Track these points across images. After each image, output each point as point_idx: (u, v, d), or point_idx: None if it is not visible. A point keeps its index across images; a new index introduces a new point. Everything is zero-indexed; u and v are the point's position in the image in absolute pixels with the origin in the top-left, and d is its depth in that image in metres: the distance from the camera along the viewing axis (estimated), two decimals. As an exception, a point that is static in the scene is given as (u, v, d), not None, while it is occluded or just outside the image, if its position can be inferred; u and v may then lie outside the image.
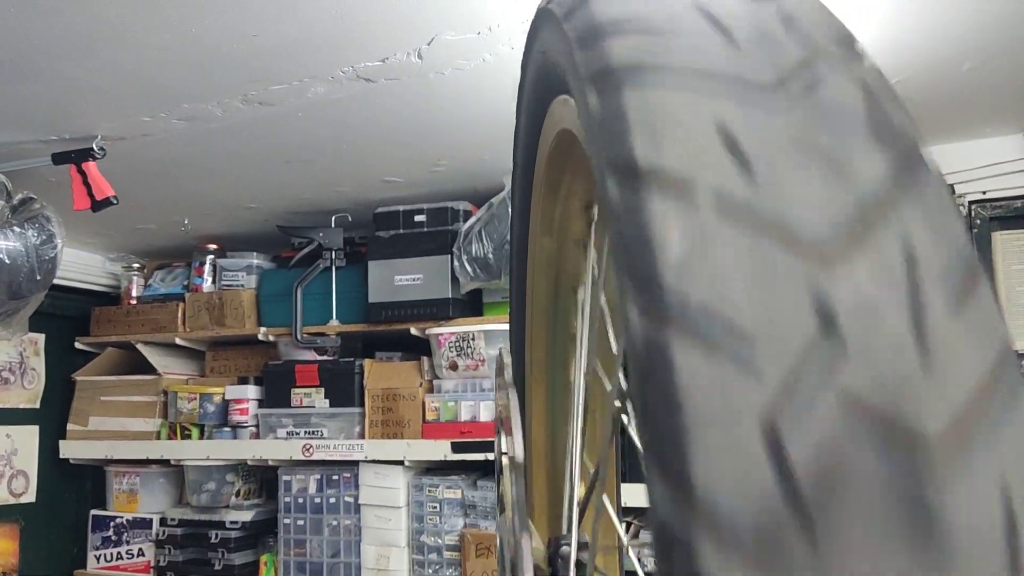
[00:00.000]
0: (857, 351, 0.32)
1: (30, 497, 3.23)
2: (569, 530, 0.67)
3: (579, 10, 0.47)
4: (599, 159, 0.39)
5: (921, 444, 0.30)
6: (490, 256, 2.63)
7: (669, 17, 0.43)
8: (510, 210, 0.89)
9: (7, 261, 2.27)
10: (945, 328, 0.33)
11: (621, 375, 0.63)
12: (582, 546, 0.63)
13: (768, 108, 0.39)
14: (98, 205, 2.27)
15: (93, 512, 3.35)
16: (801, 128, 0.38)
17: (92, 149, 2.25)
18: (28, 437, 3.25)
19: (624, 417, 0.62)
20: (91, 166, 2.26)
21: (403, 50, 1.93)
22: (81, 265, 3.34)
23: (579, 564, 0.63)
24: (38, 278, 2.35)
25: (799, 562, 0.28)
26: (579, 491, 0.66)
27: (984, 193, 2.83)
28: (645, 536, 2.49)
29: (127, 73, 1.95)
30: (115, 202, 2.28)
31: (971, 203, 2.81)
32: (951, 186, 2.81)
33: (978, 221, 2.81)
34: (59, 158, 2.27)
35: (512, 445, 0.57)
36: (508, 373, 0.64)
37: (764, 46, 0.42)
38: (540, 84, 0.63)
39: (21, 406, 3.24)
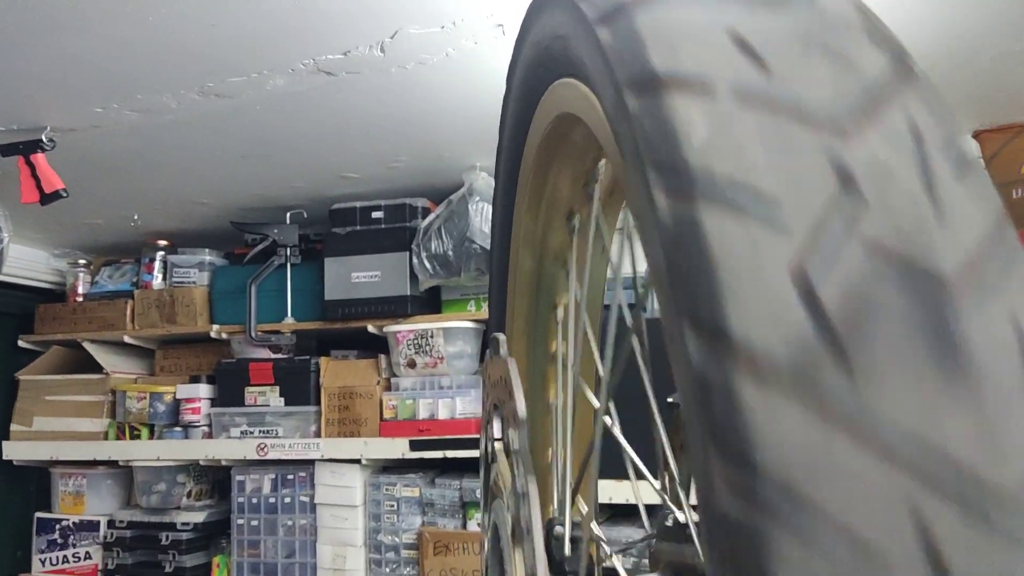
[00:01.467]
0: (876, 203, 0.35)
1: (-29, 501, 3.13)
2: (561, 512, 0.66)
3: None
4: (618, 82, 0.39)
5: (940, 281, 0.33)
6: (450, 253, 2.62)
7: None
8: (492, 219, 0.88)
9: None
10: (952, 188, 0.36)
11: (601, 366, 0.63)
12: (575, 526, 0.63)
13: (775, 14, 0.41)
14: (47, 198, 2.21)
15: (38, 515, 3.25)
16: (806, 30, 0.40)
17: (41, 140, 2.19)
18: (-31, 438, 3.15)
19: (607, 419, 0.62)
20: (40, 158, 2.20)
21: (365, 43, 1.91)
22: (25, 261, 3.25)
23: (574, 542, 0.63)
24: (-17, 273, 2.28)
25: (837, 391, 0.30)
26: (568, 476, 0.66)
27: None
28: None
29: (79, 62, 1.90)
30: (65, 195, 2.22)
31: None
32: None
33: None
34: (6, 149, 2.20)
35: (513, 411, 0.56)
36: (503, 348, 0.63)
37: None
38: (538, 64, 0.62)
39: (-39, 407, 3.14)
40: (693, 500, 0.54)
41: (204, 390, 3.05)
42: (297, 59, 1.96)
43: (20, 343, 3.31)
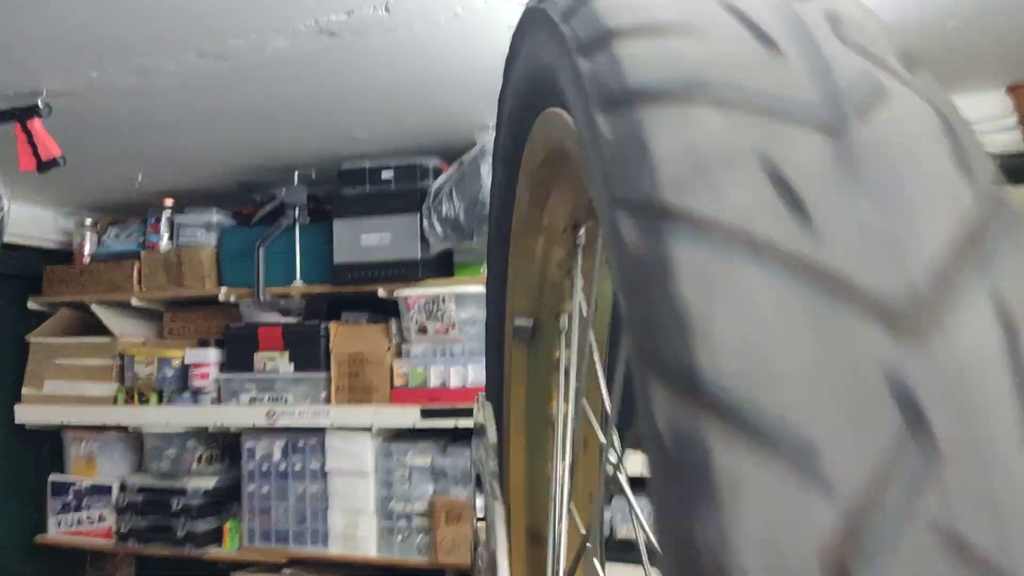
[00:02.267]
0: (954, 457, 0.25)
1: (-16, 464, 3.13)
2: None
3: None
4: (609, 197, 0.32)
5: None
6: (461, 216, 2.54)
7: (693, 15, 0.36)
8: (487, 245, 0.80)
9: (-54, 224, 2.14)
10: None
11: (610, 413, 0.56)
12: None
13: (821, 141, 0.32)
14: (44, 166, 2.14)
15: (52, 477, 3.25)
16: (863, 162, 0.32)
17: (37, 106, 2.11)
18: (-20, 402, 3.13)
19: (620, 476, 0.55)
20: (36, 124, 2.12)
21: (369, 3, 1.81)
22: (31, 222, 3.19)
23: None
24: (-19, 242, 2.22)
25: None
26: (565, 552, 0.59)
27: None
28: None
29: (72, 25, 1.81)
30: (62, 163, 2.15)
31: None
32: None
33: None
34: (2, 116, 2.12)
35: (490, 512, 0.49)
36: (488, 433, 0.56)
37: (811, 57, 0.35)
38: (527, 94, 0.54)
39: (-29, 370, 3.11)
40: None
41: (213, 355, 3.00)
42: (298, 20, 1.86)
43: (29, 305, 3.27)
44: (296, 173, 2.91)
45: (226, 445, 3.15)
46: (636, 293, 0.30)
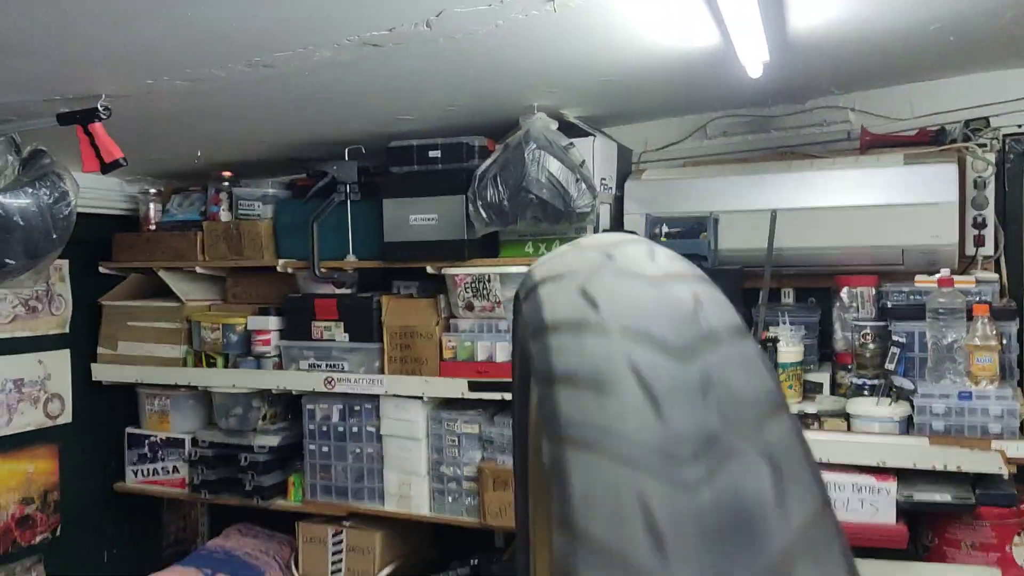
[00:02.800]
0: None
1: (66, 418, 3.35)
2: None
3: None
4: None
5: None
6: (505, 203, 2.59)
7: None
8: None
9: (22, 223, 2.27)
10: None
11: None
12: None
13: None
14: (107, 167, 2.24)
15: (128, 430, 3.48)
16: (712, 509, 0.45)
17: (97, 109, 2.20)
18: (60, 361, 3.34)
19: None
20: (97, 128, 2.21)
21: (410, 21, 1.84)
22: (100, 190, 3.32)
23: None
24: (54, 236, 2.36)
25: None
26: None
27: (1020, 127, 2.72)
28: None
29: (129, 39, 1.87)
30: (124, 163, 2.25)
31: (1005, 136, 2.71)
32: (986, 118, 2.70)
33: (1011, 155, 2.71)
34: (64, 118, 2.22)
35: None
36: None
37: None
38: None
39: (51, 332, 3.31)
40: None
41: (273, 322, 3.14)
42: (341, 36, 1.91)
43: (101, 269, 3.44)
44: (347, 149, 2.98)
45: (288, 404, 3.32)
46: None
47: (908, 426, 2.37)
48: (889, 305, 2.54)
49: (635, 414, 0.47)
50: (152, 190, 3.40)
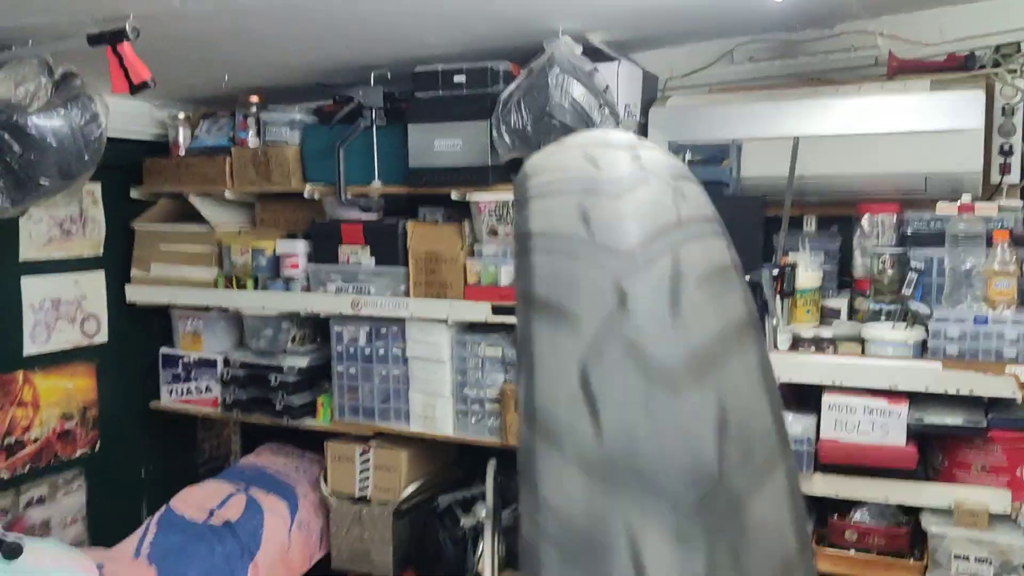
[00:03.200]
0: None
1: (102, 338, 3.46)
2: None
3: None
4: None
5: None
6: (528, 128, 2.61)
7: None
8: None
9: (54, 144, 2.33)
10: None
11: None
12: None
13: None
14: (135, 88, 2.28)
15: (162, 350, 3.59)
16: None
17: (125, 30, 2.23)
18: (95, 282, 3.44)
19: None
20: (126, 48, 2.25)
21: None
22: (130, 115, 3.36)
23: None
24: (86, 158, 2.42)
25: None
26: None
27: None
28: None
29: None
30: (152, 85, 2.29)
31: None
32: (1018, 43, 2.66)
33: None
34: (94, 39, 2.26)
35: None
36: None
37: None
38: None
39: (85, 254, 3.40)
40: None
41: (301, 246, 3.21)
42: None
43: (132, 194, 3.52)
44: (372, 75, 2.99)
45: (317, 327, 3.41)
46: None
47: (922, 350, 2.40)
48: (909, 232, 2.55)
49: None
50: (181, 115, 3.44)
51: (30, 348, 3.16)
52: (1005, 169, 2.60)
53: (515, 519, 2.96)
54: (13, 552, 1.89)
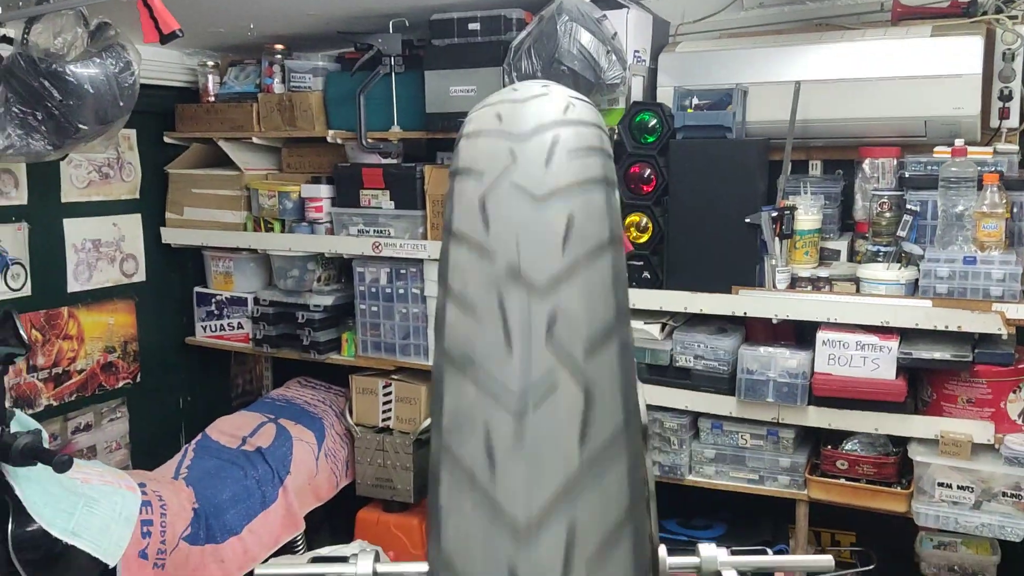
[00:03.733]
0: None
1: (140, 277, 3.65)
2: None
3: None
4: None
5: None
6: (539, 75, 2.70)
7: None
8: None
9: (91, 91, 2.48)
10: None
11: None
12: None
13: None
14: (165, 38, 2.41)
15: (196, 289, 3.78)
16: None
17: (154, -19, 2.36)
18: (132, 225, 3.62)
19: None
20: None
21: None
22: (162, 63, 3.51)
23: None
24: (121, 104, 2.57)
25: None
26: None
27: (1058, -3, 2.70)
28: None
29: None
30: (180, 35, 2.41)
31: (1042, 7, 2.70)
32: None
33: (1048, 27, 2.71)
34: (125, -9, 2.39)
35: None
36: None
37: None
38: None
39: (123, 197, 3.58)
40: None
41: (325, 190, 3.35)
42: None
43: (165, 139, 3.68)
44: (391, 22, 3.10)
45: (341, 267, 3.57)
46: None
47: (914, 289, 2.51)
48: (907, 175, 2.63)
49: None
50: (210, 62, 3.58)
51: (73, 286, 3.35)
52: (1004, 114, 2.67)
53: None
54: (64, 465, 2.08)
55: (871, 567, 2.92)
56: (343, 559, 0.88)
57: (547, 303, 0.61)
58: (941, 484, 2.48)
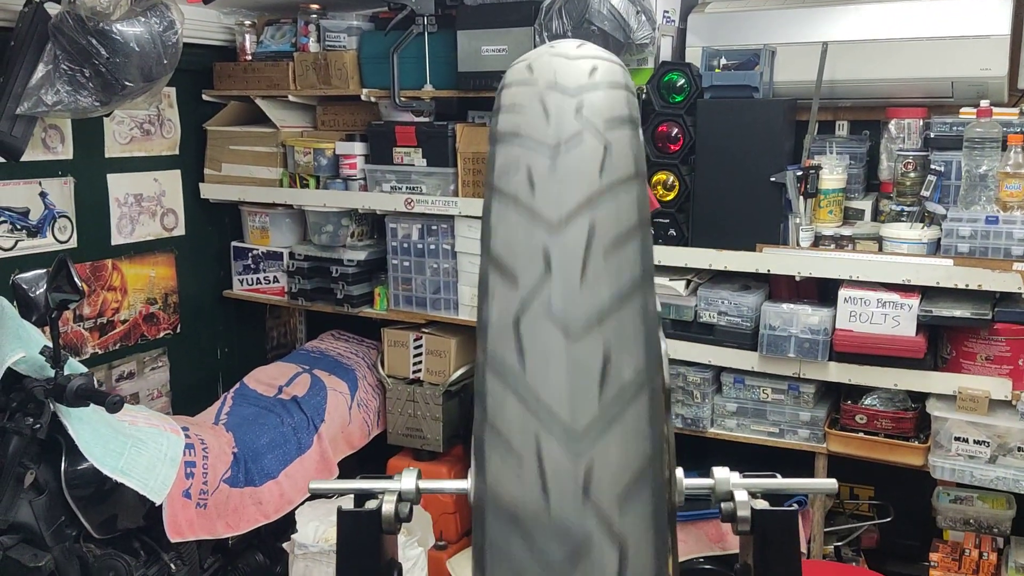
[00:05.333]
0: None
1: (180, 231, 3.77)
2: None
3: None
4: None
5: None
6: (569, 35, 2.75)
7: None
8: None
9: (137, 49, 2.57)
10: None
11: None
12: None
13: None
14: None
15: (234, 243, 3.89)
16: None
17: (197, -56, 2.44)
18: (172, 180, 3.73)
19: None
20: (198, -38, 2.46)
21: None
22: (200, 22, 3.58)
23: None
24: (165, 62, 2.65)
25: None
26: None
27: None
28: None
29: None
30: (222, -4, 2.50)
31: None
32: None
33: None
34: (169, -46, 2.47)
35: None
36: None
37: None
38: None
39: (163, 153, 3.68)
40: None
41: (358, 147, 3.43)
42: None
43: (204, 97, 3.77)
44: (424, -19, 3.15)
45: (374, 223, 3.66)
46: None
47: (936, 248, 2.55)
48: (932, 135, 2.66)
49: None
50: (247, 22, 3.65)
51: (117, 239, 3.47)
52: (1033, 75, 2.68)
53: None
54: (116, 405, 2.20)
55: (889, 519, 3.00)
56: (389, 477, 0.97)
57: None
58: (958, 439, 2.55)
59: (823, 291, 2.81)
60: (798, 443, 2.83)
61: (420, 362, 3.49)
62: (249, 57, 3.65)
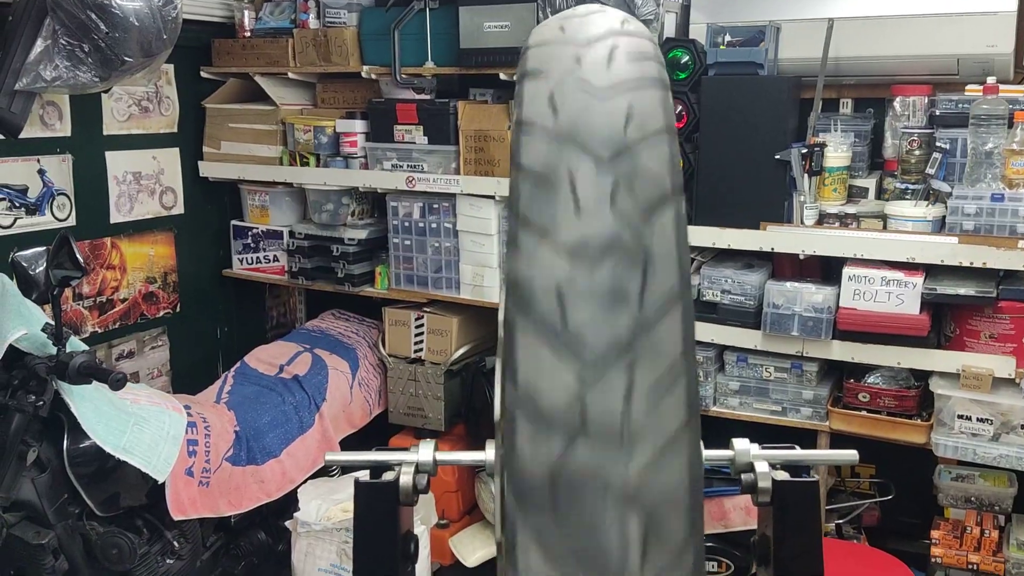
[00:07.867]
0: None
1: (179, 210, 3.75)
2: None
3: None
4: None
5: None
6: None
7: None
8: None
9: (136, 24, 2.54)
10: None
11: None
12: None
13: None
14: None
15: (233, 222, 3.87)
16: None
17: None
18: (171, 158, 3.70)
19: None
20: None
21: None
22: (199, -2, 3.56)
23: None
24: (164, 37, 2.62)
25: None
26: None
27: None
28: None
29: None
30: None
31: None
32: None
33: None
34: (169, -75, 2.43)
35: None
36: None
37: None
38: None
39: (162, 131, 3.65)
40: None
41: (359, 125, 3.41)
42: None
43: (202, 74, 3.73)
44: (425, -43, 3.12)
45: (375, 201, 3.64)
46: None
47: (941, 226, 2.55)
48: (937, 113, 2.65)
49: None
50: (245, -3, 3.62)
51: (116, 217, 3.45)
52: (1039, 52, 2.67)
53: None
54: (119, 382, 2.19)
55: (890, 497, 3.01)
56: (405, 449, 0.97)
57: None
58: (961, 416, 2.55)
59: (827, 269, 2.81)
60: (801, 421, 2.83)
61: (421, 341, 3.49)
62: (248, 34, 3.62)
